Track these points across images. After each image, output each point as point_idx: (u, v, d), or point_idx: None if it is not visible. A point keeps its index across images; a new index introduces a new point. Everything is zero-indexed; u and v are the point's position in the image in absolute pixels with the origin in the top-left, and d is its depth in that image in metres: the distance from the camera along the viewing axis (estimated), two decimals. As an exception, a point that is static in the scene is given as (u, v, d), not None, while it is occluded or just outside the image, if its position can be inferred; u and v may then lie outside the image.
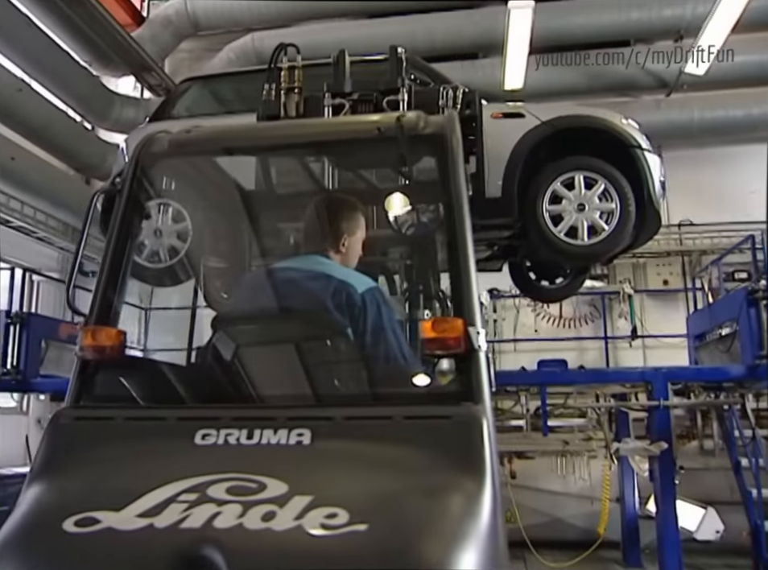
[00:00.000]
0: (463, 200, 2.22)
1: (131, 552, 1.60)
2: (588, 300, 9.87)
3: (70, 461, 1.94)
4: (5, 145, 7.97)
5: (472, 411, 1.92)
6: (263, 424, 1.91)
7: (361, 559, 1.54)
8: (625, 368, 7.86)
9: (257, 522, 1.59)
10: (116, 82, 11.38)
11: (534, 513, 9.14)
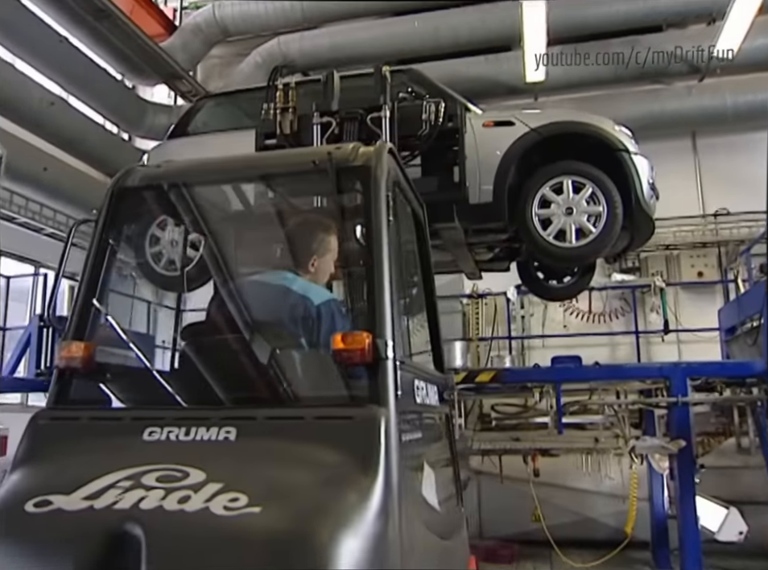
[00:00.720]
0: (382, 225, 2.40)
1: (72, 528, 1.91)
2: (619, 294, 9.63)
3: (41, 455, 2.27)
4: (38, 156, 8.33)
5: (373, 412, 2.11)
6: (199, 423, 2.19)
7: (250, 535, 1.81)
8: (642, 363, 7.64)
9: (174, 504, 1.87)
10: (151, 91, 11.76)
11: (564, 511, 9.01)
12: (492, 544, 8.56)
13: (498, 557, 8.22)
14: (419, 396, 2.68)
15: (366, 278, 2.35)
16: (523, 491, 9.24)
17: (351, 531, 1.85)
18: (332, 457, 2.05)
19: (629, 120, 9.35)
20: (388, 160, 2.63)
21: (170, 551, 1.82)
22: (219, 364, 2.72)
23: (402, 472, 2.13)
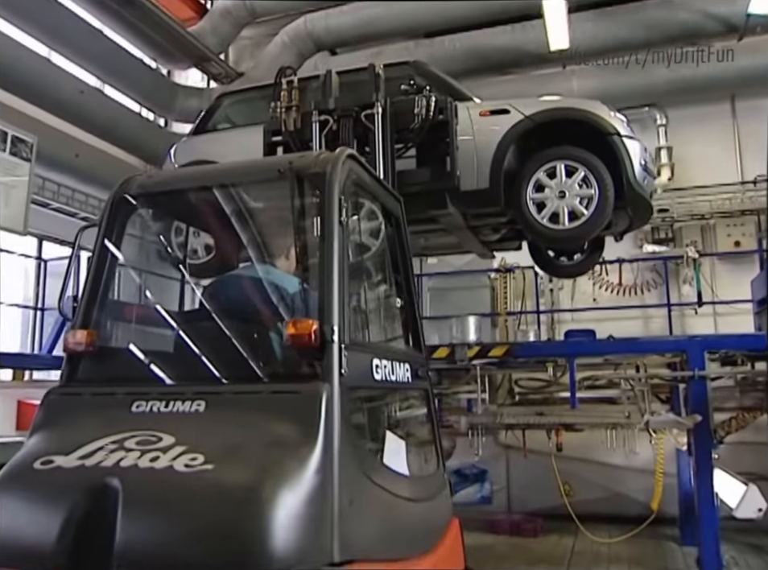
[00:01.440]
0: (333, 225, 2.74)
1: (67, 482, 2.36)
2: (651, 266, 9.37)
3: (50, 424, 2.73)
4: (70, 143, 8.64)
5: (317, 388, 2.47)
6: (177, 397, 2.62)
7: (203, 487, 2.24)
8: (658, 337, 7.42)
9: (146, 463, 2.31)
10: (186, 74, 12.00)
11: (594, 487, 8.92)
12: (517, 518, 8.58)
13: (523, 530, 8.23)
14: (380, 373, 2.98)
15: (319, 273, 2.69)
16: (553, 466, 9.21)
17: (289, 487, 2.22)
18: (280, 425, 2.43)
19: (664, 85, 9.11)
20: (349, 165, 2.99)
21: (140, 500, 2.26)
22: (198, 346, 3.06)
23: (346, 439, 2.46)
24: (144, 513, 2.24)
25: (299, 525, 2.22)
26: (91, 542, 2.22)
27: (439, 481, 3.66)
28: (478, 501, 9.36)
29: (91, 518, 2.24)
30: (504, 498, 9.37)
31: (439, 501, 3.54)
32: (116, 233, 3.19)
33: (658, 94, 9.32)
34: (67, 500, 2.29)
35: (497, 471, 9.42)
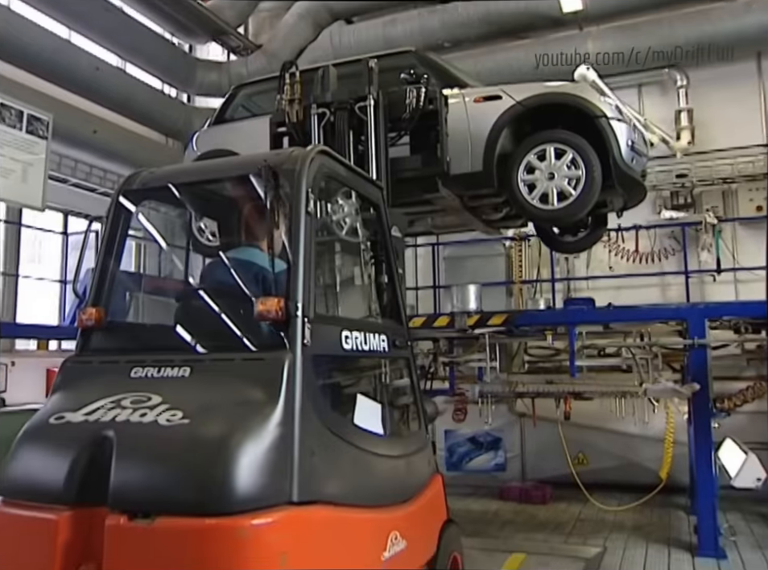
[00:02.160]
0: (300, 215, 3.10)
1: (74, 434, 2.81)
2: (669, 233, 9.15)
3: (65, 387, 3.17)
4: (87, 120, 8.88)
5: (281, 356, 2.83)
6: (167, 364, 3.01)
7: (180, 438, 2.64)
8: (658, 305, 7.26)
9: (136, 418, 2.73)
10: (207, 49, 12.11)
11: (608, 455, 8.86)
12: (527, 485, 8.61)
13: (532, 497, 8.26)
14: (350, 344, 3.35)
15: (288, 256, 3.06)
16: (568, 435, 9.19)
17: (253, 438, 2.62)
18: (249, 388, 2.81)
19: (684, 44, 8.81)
20: (320, 161, 3.32)
21: (129, 448, 2.68)
22: (188, 320, 3.52)
23: (308, 400, 2.83)
24: (132, 458, 2.69)
25: (262, 470, 2.61)
26: (91, 481, 2.68)
27: (420, 440, 4.06)
28: (492, 468, 9.45)
29: (92, 463, 2.71)
30: (518, 466, 9.40)
31: (419, 458, 3.95)
32: (121, 223, 3.61)
33: (678, 54, 9.01)
34: (73, 448, 2.77)
35: (511, 439, 9.46)
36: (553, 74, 9.45)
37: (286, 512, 2.60)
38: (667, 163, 9.14)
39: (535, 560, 5.96)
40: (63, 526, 2.64)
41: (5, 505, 2.82)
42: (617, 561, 5.89)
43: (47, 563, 2.61)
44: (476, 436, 9.48)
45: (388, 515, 3.42)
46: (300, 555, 2.63)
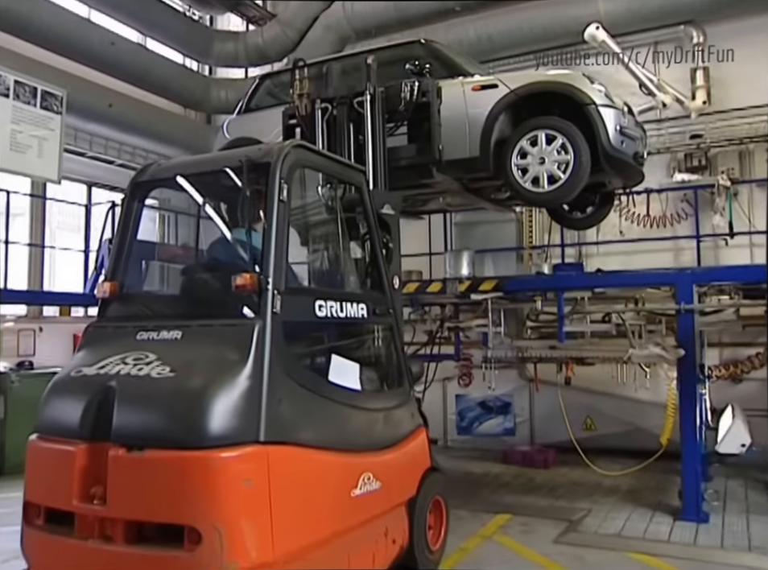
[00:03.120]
0: (274, 202, 3.66)
1: (88, 384, 3.52)
2: (681, 196, 8.92)
3: (86, 347, 3.91)
4: (102, 94, 9.16)
5: (251, 322, 3.46)
6: (165, 328, 3.67)
7: (166, 387, 3.30)
8: (647, 270, 7.11)
9: (135, 371, 3.42)
10: (227, 20, 12.24)
11: (615, 421, 8.86)
12: (530, 449, 8.69)
13: (534, 461, 8.35)
14: (324, 311, 3.94)
15: (263, 237, 3.66)
16: (576, 400, 9.20)
17: (225, 388, 3.24)
18: (226, 348, 3.42)
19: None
20: (295, 154, 3.87)
21: (128, 395, 3.36)
22: (185, 292, 4.29)
23: (277, 359, 3.42)
24: (129, 404, 3.37)
25: (233, 414, 3.22)
26: (100, 421, 3.37)
27: (402, 397, 4.68)
28: (501, 432, 9.56)
29: (100, 407, 3.40)
30: (527, 430, 9.48)
31: (400, 412, 4.59)
32: (134, 208, 4.29)
33: (695, 10, 8.70)
34: (86, 396, 3.49)
35: (520, 403, 9.53)
36: (564, 35, 9.33)
37: (251, 448, 3.22)
38: (681, 123, 8.89)
39: (519, 521, 6.08)
40: (79, 456, 3.38)
41: (39, 439, 3.64)
42: (598, 523, 5.97)
43: (69, 484, 3.35)
44: (487, 401, 9.59)
45: (360, 459, 4.02)
46: (264, 482, 3.23)
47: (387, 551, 4.25)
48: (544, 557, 5.11)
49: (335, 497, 3.76)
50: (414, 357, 7.25)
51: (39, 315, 9.57)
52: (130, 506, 3.22)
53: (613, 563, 5.01)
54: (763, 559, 5.01)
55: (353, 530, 3.90)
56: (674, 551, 5.20)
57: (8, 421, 8.30)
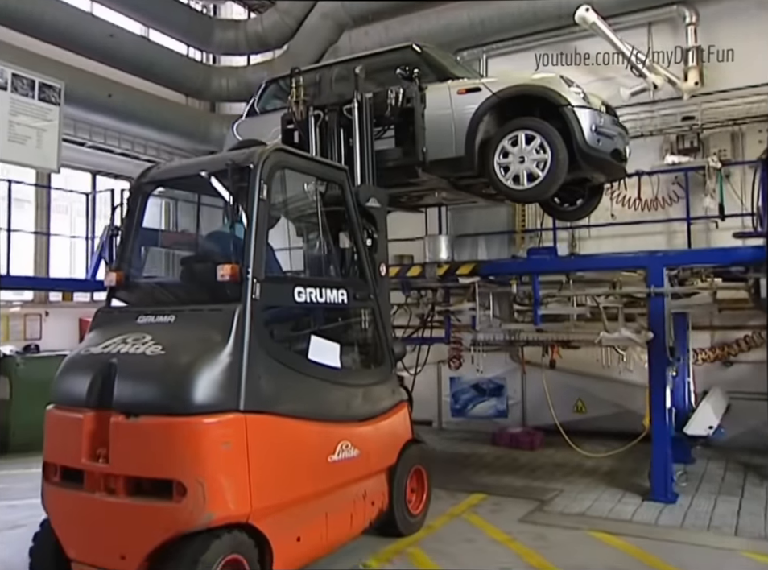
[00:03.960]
0: (254, 202, 4.09)
1: (93, 360, 4.02)
2: (673, 179, 8.85)
3: (95, 329, 4.41)
4: (101, 85, 9.39)
5: (232, 307, 3.90)
6: (161, 313, 4.16)
7: (157, 363, 3.78)
8: (618, 254, 7.11)
9: (132, 350, 3.91)
10: (230, 9, 12.38)
11: (605, 404, 8.92)
12: (518, 431, 8.80)
13: (521, 443, 8.47)
14: (303, 297, 4.36)
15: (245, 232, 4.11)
16: (567, 383, 9.27)
17: (209, 364, 3.70)
18: (210, 330, 3.88)
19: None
20: (275, 157, 4.29)
21: (126, 370, 3.85)
22: (182, 279, 4.76)
23: (256, 339, 3.87)
24: (127, 378, 3.84)
25: (215, 387, 3.69)
26: (103, 392, 3.86)
27: (384, 374, 5.14)
28: (494, 414, 9.68)
29: (104, 380, 3.89)
30: (519, 412, 9.59)
31: (381, 388, 5.06)
32: (138, 206, 4.79)
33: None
34: (92, 371, 3.98)
35: (513, 386, 9.62)
36: (556, 18, 9.29)
37: (231, 416, 3.71)
38: (674, 105, 8.82)
39: (492, 500, 6.23)
40: (86, 422, 3.88)
41: (55, 408, 4.17)
42: (567, 503, 6.09)
43: (78, 446, 3.87)
44: (480, 384, 9.71)
45: (338, 429, 4.51)
46: (242, 445, 3.73)
47: (366, 512, 4.78)
48: (506, 535, 5.24)
49: (312, 461, 4.25)
50: (408, 339, 7.67)
51: (45, 301, 9.90)
52: (129, 464, 3.73)
53: (573, 542, 5.12)
54: (717, 538, 5.10)
55: (330, 491, 4.41)
56: (633, 530, 5.30)
57: (13, 402, 8.66)
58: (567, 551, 4.90)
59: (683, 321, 7.50)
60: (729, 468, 7.21)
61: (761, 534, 5.16)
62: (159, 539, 3.57)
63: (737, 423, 8.38)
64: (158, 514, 3.63)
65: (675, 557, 4.70)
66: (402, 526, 5.16)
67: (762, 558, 4.70)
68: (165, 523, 3.59)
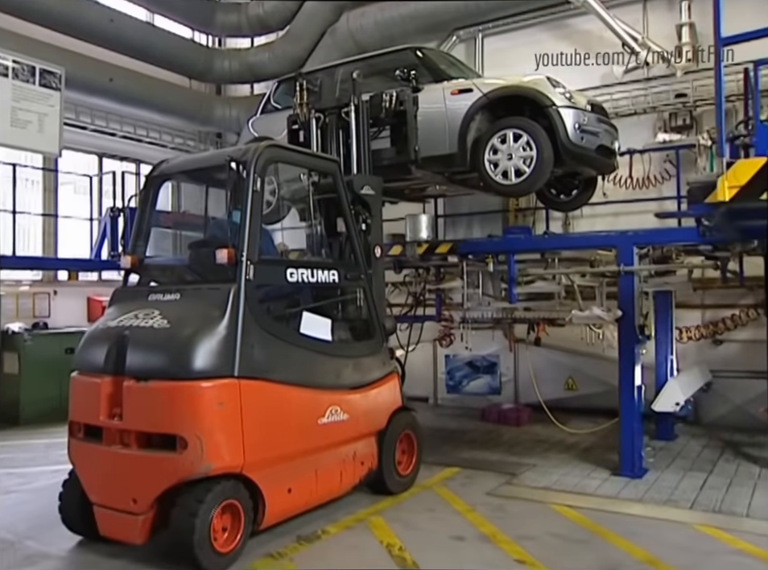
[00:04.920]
0: (249, 193, 4.56)
1: (110, 333, 4.62)
2: (665, 157, 8.79)
3: (113, 306, 4.99)
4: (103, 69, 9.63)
5: (228, 287, 4.42)
6: (168, 291, 4.73)
7: (163, 335, 4.34)
8: (590, 232, 7.11)
9: (142, 323, 4.48)
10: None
11: (596, 381, 8.97)
12: (506, 408, 8.93)
13: (507, 419, 8.61)
14: (294, 277, 4.89)
15: (240, 219, 4.60)
16: (558, 360, 9.35)
17: (208, 336, 4.25)
18: (209, 307, 4.42)
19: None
20: (268, 153, 4.77)
21: (136, 341, 4.41)
22: (190, 262, 5.36)
23: (250, 314, 4.39)
24: (138, 347, 4.39)
25: (213, 355, 4.22)
26: (118, 360, 4.42)
27: (375, 347, 5.65)
28: (488, 391, 9.81)
29: (118, 349, 4.45)
30: (512, 389, 9.71)
31: (371, 360, 5.57)
32: (150, 197, 5.39)
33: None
34: (108, 342, 4.55)
35: (506, 363, 9.73)
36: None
37: (226, 381, 4.25)
38: (668, 82, 8.75)
39: (466, 474, 6.39)
40: (104, 386, 4.46)
41: (78, 374, 4.75)
42: (536, 477, 6.22)
43: (97, 406, 4.44)
44: (474, 361, 9.84)
45: (328, 395, 5.03)
46: (236, 406, 4.28)
47: (355, 471, 5.34)
48: (469, 507, 5.40)
49: (302, 422, 4.80)
50: (400, 317, 8.11)
51: (53, 280, 10.27)
52: (139, 421, 4.32)
53: (530, 513, 5.26)
54: (671, 511, 5.21)
55: (320, 450, 4.98)
56: (593, 504, 5.42)
57: (22, 377, 9.06)
58: (521, 521, 5.05)
59: (666, 300, 7.54)
60: (709, 446, 7.28)
61: (716, 507, 5.26)
62: (165, 485, 4.16)
63: (724, 402, 8.45)
64: (164, 464, 4.22)
65: (623, 528, 4.83)
66: (391, 485, 5.65)
67: (708, 529, 4.80)
68: (170, 472, 4.17)
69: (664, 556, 4.32)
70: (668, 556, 4.32)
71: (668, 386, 6.36)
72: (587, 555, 4.41)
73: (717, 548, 4.50)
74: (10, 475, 6.53)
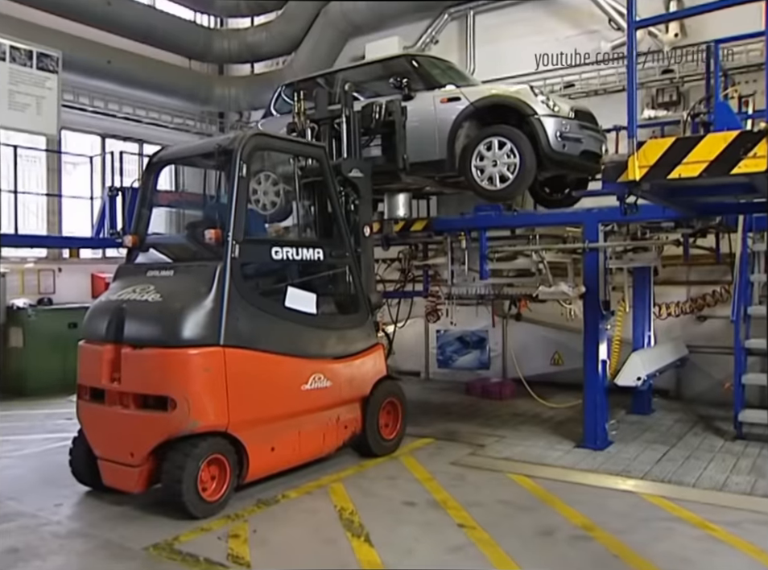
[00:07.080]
0: (235, 178, 4.96)
1: (111, 305, 5.17)
2: (650, 133, 8.78)
3: (116, 281, 5.50)
4: (100, 51, 9.86)
5: (214, 264, 4.87)
6: (164, 269, 5.27)
7: (155, 308, 4.84)
8: (557, 210, 7.17)
9: (138, 297, 5.00)
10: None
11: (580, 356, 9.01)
12: (489, 382, 9.09)
13: (491, 393, 8.78)
14: (279, 255, 5.30)
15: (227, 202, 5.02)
16: (546, 335, 9.47)
17: (195, 309, 4.70)
18: (197, 282, 4.86)
19: None
20: (254, 141, 5.16)
21: (133, 313, 4.91)
22: (184, 241, 5.90)
23: (235, 289, 4.82)
24: (134, 318, 4.89)
25: (200, 326, 4.68)
26: (117, 330, 4.93)
27: (360, 320, 6.01)
28: (477, 365, 9.99)
29: (118, 320, 4.95)
30: (500, 364, 9.86)
31: (356, 332, 5.95)
32: (150, 182, 5.82)
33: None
34: (109, 313, 5.05)
35: (495, 338, 9.88)
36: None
37: (212, 349, 4.72)
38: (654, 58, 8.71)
39: (436, 444, 6.61)
40: (105, 353, 4.97)
41: (85, 343, 5.26)
42: (501, 448, 6.41)
43: (100, 371, 4.96)
44: (464, 336, 10.01)
45: (312, 364, 5.45)
46: (220, 371, 4.75)
47: (339, 434, 5.79)
48: (429, 475, 5.61)
49: (285, 387, 5.27)
50: (388, 293, 8.55)
51: (58, 257, 10.63)
52: (136, 384, 4.83)
53: (486, 482, 5.45)
54: (621, 480, 5.37)
55: (303, 413, 5.42)
56: (549, 474, 5.60)
57: (26, 350, 9.46)
58: (475, 489, 5.25)
59: (645, 276, 7.61)
60: (682, 420, 7.39)
61: (667, 478, 5.40)
62: (158, 440, 4.68)
63: (704, 377, 8.52)
64: (156, 422, 4.72)
65: (572, 497, 5.01)
66: (374, 447, 6.08)
67: (652, 498, 4.97)
68: (161, 428, 4.70)
69: (601, 522, 4.50)
70: (605, 522, 4.50)
71: (630, 360, 6.47)
72: (527, 521, 4.59)
73: (655, 515, 4.66)
74: (5, 442, 6.90)
